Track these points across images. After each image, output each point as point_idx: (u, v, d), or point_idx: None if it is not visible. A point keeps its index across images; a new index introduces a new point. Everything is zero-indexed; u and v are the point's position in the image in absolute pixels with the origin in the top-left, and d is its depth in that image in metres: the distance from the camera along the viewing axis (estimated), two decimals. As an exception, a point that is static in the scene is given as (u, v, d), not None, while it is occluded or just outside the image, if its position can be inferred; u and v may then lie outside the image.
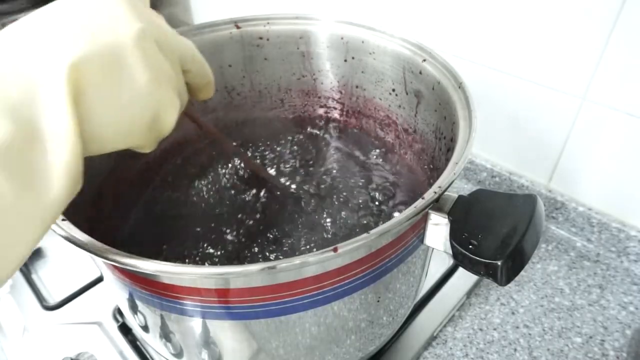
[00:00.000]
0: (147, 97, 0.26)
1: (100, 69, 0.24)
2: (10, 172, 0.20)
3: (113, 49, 0.24)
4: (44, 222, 0.22)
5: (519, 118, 0.55)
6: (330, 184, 0.47)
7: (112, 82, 0.24)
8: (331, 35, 0.47)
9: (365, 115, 0.51)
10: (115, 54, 0.24)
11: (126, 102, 0.25)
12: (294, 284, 0.26)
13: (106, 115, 0.24)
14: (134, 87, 0.25)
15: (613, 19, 0.43)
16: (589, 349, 0.43)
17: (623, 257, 0.51)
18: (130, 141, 0.27)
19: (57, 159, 0.22)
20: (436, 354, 0.43)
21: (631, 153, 0.48)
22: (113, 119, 0.25)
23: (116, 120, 0.25)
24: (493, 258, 0.25)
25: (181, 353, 0.34)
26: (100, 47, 0.24)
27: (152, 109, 0.26)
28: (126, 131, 0.26)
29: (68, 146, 0.22)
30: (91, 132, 0.24)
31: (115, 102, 0.25)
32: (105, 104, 0.24)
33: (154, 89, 0.26)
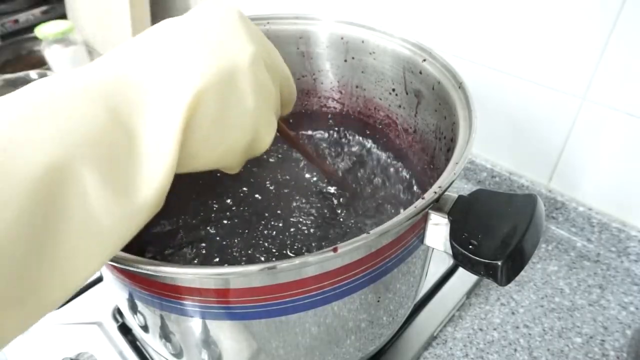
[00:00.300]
0: (251, 120, 0.26)
1: (217, 95, 0.24)
2: (99, 166, 0.19)
3: (230, 74, 0.24)
4: (123, 235, 0.21)
5: (519, 118, 0.55)
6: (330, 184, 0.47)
7: (223, 105, 0.24)
8: (331, 35, 0.47)
9: (365, 115, 0.51)
10: (231, 78, 0.24)
11: (232, 125, 0.25)
12: (294, 284, 0.26)
13: (210, 137, 0.24)
14: (242, 110, 0.25)
15: (613, 19, 0.43)
16: (589, 349, 0.43)
17: (623, 257, 0.51)
18: (223, 162, 0.27)
19: (150, 174, 0.21)
20: (436, 354, 0.43)
21: (631, 153, 0.48)
22: (215, 141, 0.25)
23: (218, 142, 0.25)
24: (493, 258, 0.25)
25: (181, 353, 0.34)
26: (221, 73, 0.24)
27: (253, 132, 0.26)
28: (224, 153, 0.26)
29: (165, 166, 0.22)
30: (189, 152, 0.24)
31: (221, 125, 0.24)
32: (212, 127, 0.24)
33: (259, 113, 0.26)
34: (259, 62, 0.26)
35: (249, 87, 0.25)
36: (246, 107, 0.25)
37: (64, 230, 0.19)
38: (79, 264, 0.20)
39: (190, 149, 0.24)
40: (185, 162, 0.24)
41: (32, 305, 0.20)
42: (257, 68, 0.25)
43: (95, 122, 0.20)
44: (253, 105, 0.25)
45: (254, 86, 0.25)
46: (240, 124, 0.25)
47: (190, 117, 0.23)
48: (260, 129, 0.27)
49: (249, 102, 0.25)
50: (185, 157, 0.24)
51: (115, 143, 0.20)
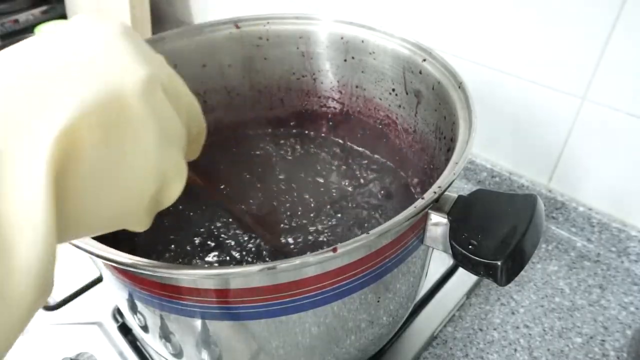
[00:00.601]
0: (154, 163, 0.20)
1: (98, 133, 0.18)
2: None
3: (116, 103, 0.18)
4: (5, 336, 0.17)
5: (519, 118, 0.55)
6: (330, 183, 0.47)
7: (111, 147, 0.19)
8: (331, 35, 0.47)
9: (365, 115, 0.51)
10: (118, 109, 0.19)
11: (128, 171, 0.19)
12: (294, 284, 0.26)
13: (100, 192, 0.19)
14: (139, 151, 0.19)
15: (613, 18, 0.43)
16: (590, 349, 0.43)
17: (623, 257, 0.51)
18: (123, 222, 0.21)
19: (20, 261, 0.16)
20: (436, 354, 0.43)
21: (631, 153, 0.48)
22: (108, 197, 0.19)
23: (112, 198, 0.19)
24: (493, 258, 0.25)
25: (181, 353, 0.34)
26: (99, 104, 0.18)
27: (158, 179, 0.21)
28: (122, 211, 0.20)
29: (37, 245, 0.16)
30: (75, 216, 0.18)
31: (114, 174, 0.19)
32: (101, 178, 0.18)
33: (162, 153, 0.20)
34: (154, 88, 0.20)
35: (146, 120, 0.19)
36: (145, 145, 0.19)
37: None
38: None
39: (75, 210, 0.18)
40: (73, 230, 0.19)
41: None
42: (153, 95, 0.20)
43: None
44: (153, 143, 0.20)
45: (152, 118, 0.19)
46: (140, 169, 0.20)
47: (60, 166, 0.17)
48: (167, 174, 0.21)
49: (146, 139, 0.19)
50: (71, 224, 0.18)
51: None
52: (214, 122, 0.52)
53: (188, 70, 0.47)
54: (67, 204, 0.18)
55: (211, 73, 0.49)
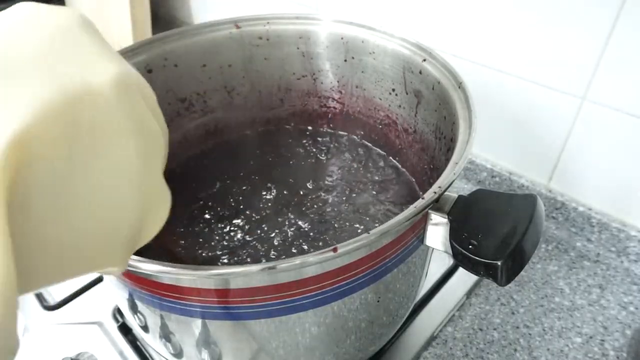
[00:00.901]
0: (135, 180, 0.16)
1: (58, 143, 0.14)
2: None
3: (78, 106, 0.14)
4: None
5: (519, 118, 0.55)
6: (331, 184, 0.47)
7: (77, 161, 0.14)
8: (331, 35, 0.47)
9: (365, 115, 0.51)
10: (84, 114, 0.15)
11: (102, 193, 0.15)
12: (294, 284, 0.26)
13: (65, 224, 0.14)
14: (115, 166, 0.15)
15: (613, 19, 0.43)
16: (589, 349, 0.43)
17: (623, 257, 0.51)
18: (96, 264, 0.17)
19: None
20: (436, 354, 0.43)
21: (631, 153, 0.48)
22: (79, 230, 0.15)
23: (83, 231, 0.15)
24: (493, 258, 0.25)
25: (181, 353, 0.34)
26: (60, 108, 0.14)
27: (140, 203, 0.17)
28: (97, 247, 0.16)
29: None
30: (37, 261, 0.14)
31: (83, 197, 0.15)
32: (64, 205, 0.14)
33: (144, 169, 0.16)
34: (130, 89, 0.16)
35: (120, 127, 0.15)
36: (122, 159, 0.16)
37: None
38: None
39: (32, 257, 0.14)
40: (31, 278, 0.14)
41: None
42: (129, 97, 0.16)
43: None
44: (133, 156, 0.16)
45: (128, 125, 0.16)
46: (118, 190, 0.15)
47: (14, 193, 0.13)
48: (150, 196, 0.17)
49: (125, 151, 0.15)
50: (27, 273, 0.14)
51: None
52: (214, 122, 0.52)
53: (188, 70, 0.47)
54: (25, 245, 0.14)
55: (211, 73, 0.49)
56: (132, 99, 0.16)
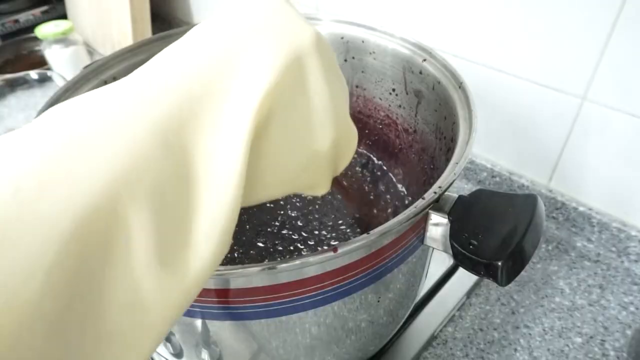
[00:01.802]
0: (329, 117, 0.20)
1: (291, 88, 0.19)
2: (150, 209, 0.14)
3: (298, 58, 0.19)
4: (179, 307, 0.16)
5: (519, 118, 0.55)
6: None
7: (298, 102, 0.19)
8: (331, 35, 0.47)
9: (365, 115, 0.51)
10: (301, 64, 0.19)
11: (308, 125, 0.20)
12: (294, 284, 0.26)
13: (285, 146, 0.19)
14: (316, 104, 0.20)
15: (613, 18, 0.43)
16: (589, 349, 0.43)
17: (623, 257, 0.51)
18: (304, 180, 0.21)
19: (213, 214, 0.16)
20: (436, 354, 0.43)
21: (631, 153, 0.48)
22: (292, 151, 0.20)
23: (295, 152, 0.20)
24: (493, 258, 0.25)
25: (181, 353, 0.34)
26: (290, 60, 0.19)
27: (333, 134, 0.21)
28: (304, 166, 0.20)
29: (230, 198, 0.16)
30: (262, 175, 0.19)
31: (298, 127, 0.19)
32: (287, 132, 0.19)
33: (334, 107, 0.21)
34: (323, 43, 0.21)
35: (321, 72, 0.20)
36: (323, 97, 0.20)
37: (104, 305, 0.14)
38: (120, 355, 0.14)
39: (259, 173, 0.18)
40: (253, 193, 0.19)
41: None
42: (323, 49, 0.21)
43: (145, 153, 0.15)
44: (328, 96, 0.20)
45: (325, 72, 0.20)
46: (321, 118, 0.20)
47: (261, 122, 0.18)
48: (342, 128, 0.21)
49: (323, 92, 0.20)
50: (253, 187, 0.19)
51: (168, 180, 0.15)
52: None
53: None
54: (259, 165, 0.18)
55: (211, 73, 0.49)
56: (324, 50, 0.21)
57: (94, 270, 0.13)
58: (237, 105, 0.17)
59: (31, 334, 0.12)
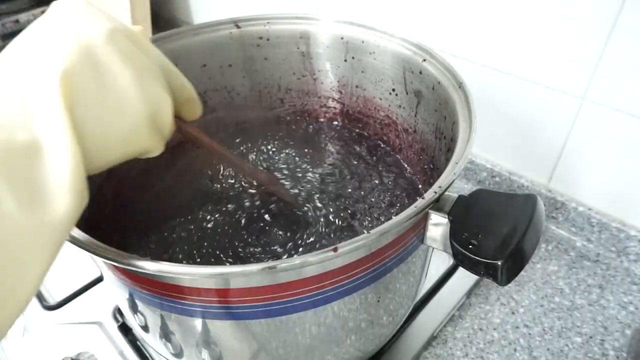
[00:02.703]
0: (135, 94, 0.25)
1: (85, 72, 0.23)
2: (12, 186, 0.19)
3: (89, 49, 0.24)
4: (53, 243, 0.21)
5: (519, 118, 0.55)
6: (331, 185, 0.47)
7: (99, 81, 0.24)
8: (331, 35, 0.47)
9: (365, 115, 0.51)
10: (93, 54, 0.24)
11: (116, 102, 0.25)
12: (294, 283, 0.26)
13: (101, 120, 0.24)
14: (119, 85, 0.25)
15: (613, 19, 0.43)
16: (589, 349, 0.44)
17: (623, 257, 0.51)
18: (133, 147, 0.26)
19: (60, 171, 0.21)
20: (436, 354, 0.43)
21: (631, 153, 0.48)
22: (109, 124, 0.24)
23: (112, 125, 0.24)
24: (493, 258, 0.25)
25: (181, 353, 0.34)
26: (78, 52, 0.24)
27: (144, 107, 0.26)
28: (126, 136, 0.25)
29: (69, 157, 0.21)
30: (92, 143, 0.23)
31: (107, 105, 0.24)
32: (98, 109, 0.24)
33: (142, 81, 0.25)
34: (117, 34, 0.25)
35: (116, 60, 0.25)
36: (121, 80, 0.25)
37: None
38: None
39: (89, 137, 0.23)
40: (95, 157, 0.24)
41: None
42: (117, 39, 0.25)
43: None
44: (128, 78, 0.25)
45: (120, 58, 0.25)
46: (125, 99, 0.25)
47: (69, 100, 0.22)
48: (152, 104, 0.26)
49: (121, 74, 0.25)
50: (89, 147, 0.23)
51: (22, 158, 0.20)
52: (214, 122, 0.52)
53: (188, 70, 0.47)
54: (83, 134, 0.23)
55: (211, 73, 0.49)
56: (119, 42, 0.25)
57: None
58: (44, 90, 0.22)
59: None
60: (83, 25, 0.25)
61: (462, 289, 0.48)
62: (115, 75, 0.25)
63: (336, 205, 0.44)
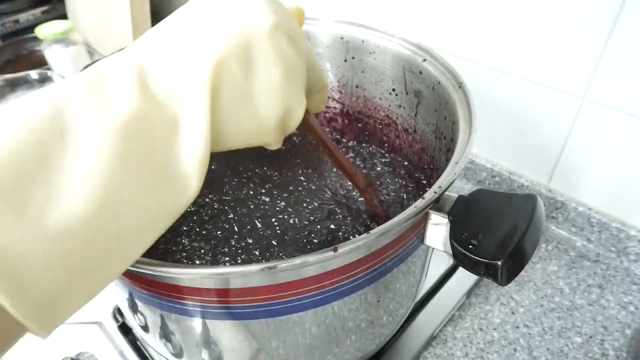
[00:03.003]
0: (280, 92, 0.25)
1: (238, 64, 0.24)
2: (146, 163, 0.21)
3: (248, 44, 0.24)
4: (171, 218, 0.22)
5: (519, 118, 0.55)
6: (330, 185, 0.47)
7: (248, 77, 0.24)
8: (331, 35, 0.47)
9: (365, 115, 0.51)
10: (250, 48, 0.24)
11: (259, 96, 0.25)
12: (294, 283, 0.26)
13: (237, 113, 0.24)
14: (268, 81, 0.25)
15: (613, 18, 0.43)
16: (589, 349, 0.44)
17: (623, 256, 0.51)
18: (258, 139, 0.27)
19: (192, 152, 0.22)
20: (436, 354, 0.43)
21: (631, 153, 0.48)
22: (245, 115, 0.25)
23: (248, 116, 0.25)
24: (493, 258, 0.25)
25: (181, 353, 0.34)
26: (237, 44, 0.24)
27: (280, 109, 0.26)
28: (257, 128, 0.26)
29: (202, 139, 0.22)
30: (224, 128, 0.24)
31: (247, 100, 0.24)
32: (240, 99, 0.24)
33: (286, 85, 0.25)
34: (279, 32, 0.25)
35: (272, 56, 0.25)
36: (272, 77, 0.25)
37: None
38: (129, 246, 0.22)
39: (221, 124, 0.24)
40: (219, 140, 0.24)
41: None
42: (278, 37, 0.25)
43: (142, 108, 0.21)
44: (279, 76, 0.25)
45: (277, 55, 0.25)
46: (268, 96, 0.25)
47: (215, 89, 0.23)
48: (290, 104, 0.26)
49: (273, 71, 0.25)
50: (217, 134, 0.24)
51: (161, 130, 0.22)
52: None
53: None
54: (220, 120, 0.24)
55: (211, 73, 0.49)
56: (281, 41, 0.25)
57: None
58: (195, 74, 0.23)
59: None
60: (250, 15, 0.25)
61: (462, 289, 0.48)
62: (266, 74, 0.25)
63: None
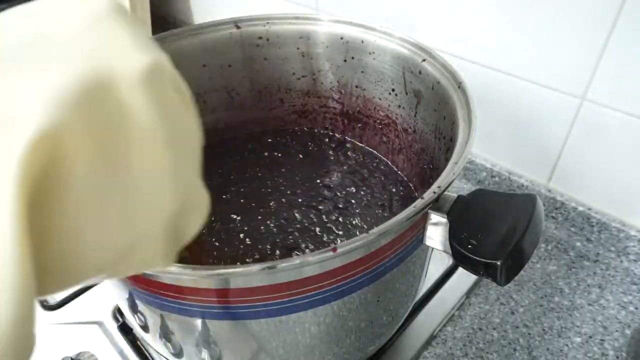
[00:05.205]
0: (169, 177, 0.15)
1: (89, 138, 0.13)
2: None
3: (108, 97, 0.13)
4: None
5: (518, 118, 0.55)
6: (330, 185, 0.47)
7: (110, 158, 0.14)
8: (331, 35, 0.47)
9: (365, 115, 0.51)
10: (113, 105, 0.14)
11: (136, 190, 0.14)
12: (294, 283, 0.27)
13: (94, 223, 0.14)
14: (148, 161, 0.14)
15: (613, 19, 0.43)
16: (589, 349, 0.44)
17: (623, 256, 0.51)
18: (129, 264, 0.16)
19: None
20: (436, 354, 0.43)
21: (631, 153, 0.48)
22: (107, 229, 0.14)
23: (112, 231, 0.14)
24: (493, 258, 0.25)
25: (181, 353, 0.34)
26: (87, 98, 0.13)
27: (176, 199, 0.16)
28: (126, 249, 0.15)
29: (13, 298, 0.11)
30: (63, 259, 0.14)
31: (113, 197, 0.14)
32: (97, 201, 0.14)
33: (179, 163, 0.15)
34: (161, 81, 0.15)
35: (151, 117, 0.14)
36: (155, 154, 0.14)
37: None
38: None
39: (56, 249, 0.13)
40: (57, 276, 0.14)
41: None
42: (160, 90, 0.15)
43: None
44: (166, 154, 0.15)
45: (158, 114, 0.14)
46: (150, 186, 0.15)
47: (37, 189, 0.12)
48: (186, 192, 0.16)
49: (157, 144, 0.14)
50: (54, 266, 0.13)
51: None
52: (214, 122, 0.52)
53: (188, 70, 0.47)
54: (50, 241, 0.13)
55: (211, 73, 0.49)
56: (163, 93, 0.15)
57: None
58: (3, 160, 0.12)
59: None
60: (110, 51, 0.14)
61: (461, 289, 0.48)
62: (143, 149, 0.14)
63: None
